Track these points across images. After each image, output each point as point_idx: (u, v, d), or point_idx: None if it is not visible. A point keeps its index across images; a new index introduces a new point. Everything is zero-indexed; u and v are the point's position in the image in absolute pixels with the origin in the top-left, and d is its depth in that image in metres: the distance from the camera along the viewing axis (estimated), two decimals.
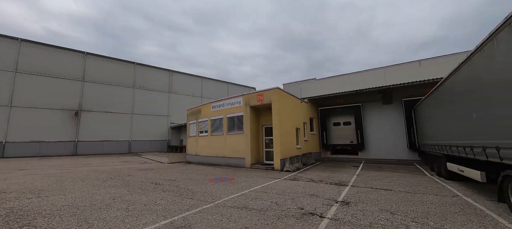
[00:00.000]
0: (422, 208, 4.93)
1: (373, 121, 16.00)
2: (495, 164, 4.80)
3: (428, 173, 9.83)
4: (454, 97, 6.76)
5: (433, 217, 4.38)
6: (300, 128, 14.65)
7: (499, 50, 4.12)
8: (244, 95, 13.80)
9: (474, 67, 5.22)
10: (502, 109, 4.23)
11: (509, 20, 3.73)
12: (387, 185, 7.45)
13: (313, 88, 19.49)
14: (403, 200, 5.60)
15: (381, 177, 9.04)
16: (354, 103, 16.33)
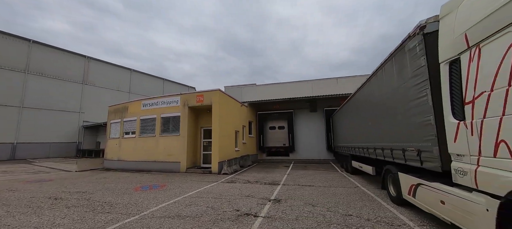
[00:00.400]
0: (334, 199, 5.99)
1: (302, 126, 18.29)
2: (380, 161, 6.42)
3: (339, 170, 12.06)
4: (357, 109, 8.64)
5: (342, 205, 5.40)
6: (239, 130, 14.98)
7: (386, 76, 5.59)
8: (183, 95, 12.90)
9: (370, 87, 6.87)
10: (384, 121, 5.75)
11: (392, 55, 5.13)
12: (311, 182, 8.63)
13: (254, 93, 20.42)
14: (321, 194, 6.62)
15: (306, 175, 10.39)
16: (287, 110, 18.17)
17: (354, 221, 4.31)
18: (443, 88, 3.34)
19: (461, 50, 2.97)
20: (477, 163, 2.74)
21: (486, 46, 2.60)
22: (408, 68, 4.33)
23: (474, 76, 2.76)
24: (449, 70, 3.22)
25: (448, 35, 3.22)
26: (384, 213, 4.76)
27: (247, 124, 16.82)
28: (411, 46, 4.18)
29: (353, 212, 4.89)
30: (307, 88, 18.68)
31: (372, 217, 4.52)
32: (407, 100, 4.43)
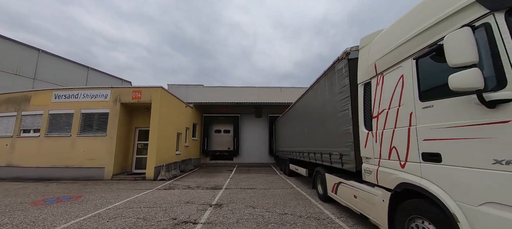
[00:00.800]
0: (273, 200, 6.38)
1: (247, 130, 18.81)
2: (313, 164, 7.31)
3: (278, 173, 12.99)
4: (297, 117, 9.61)
5: (279, 205, 5.81)
6: (182, 133, 14.02)
7: (320, 90, 6.47)
8: (115, 89, 11.07)
9: (308, 99, 7.79)
10: (318, 129, 6.62)
11: (325, 73, 6.00)
12: (253, 185, 8.92)
13: (200, 94, 19.60)
14: (262, 196, 6.94)
15: (249, 178, 10.69)
16: (234, 114, 18.34)
17: (289, 219, 4.72)
18: (359, 104, 4.15)
19: (372, 75, 3.79)
20: (378, 164, 3.52)
21: (387, 75, 3.41)
22: (336, 85, 5.16)
23: (379, 97, 3.57)
24: (363, 91, 4.04)
25: (364, 63, 4.05)
26: (313, 210, 5.42)
27: (191, 126, 15.94)
28: (339, 67, 5.01)
29: (289, 210, 5.35)
30: (254, 94, 19.43)
31: (304, 214, 5.06)
32: (335, 112, 5.25)
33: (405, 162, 2.92)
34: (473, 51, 1.92)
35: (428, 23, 2.60)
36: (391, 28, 3.45)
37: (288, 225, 4.34)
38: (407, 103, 2.91)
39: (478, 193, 2.01)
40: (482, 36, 2.00)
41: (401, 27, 3.14)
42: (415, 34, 2.80)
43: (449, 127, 2.30)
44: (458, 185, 2.20)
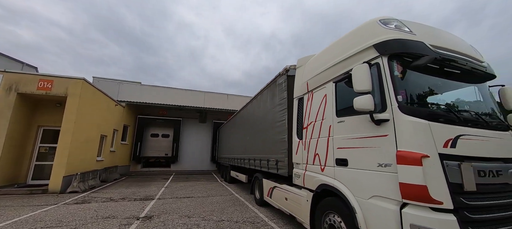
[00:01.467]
0: (211, 207, 6.24)
1: (189, 136, 17.81)
2: (252, 170, 7.62)
3: (219, 180, 12.81)
4: (241, 125, 9.87)
5: (216, 212, 5.73)
6: (108, 135, 11.94)
7: (263, 100, 6.92)
8: (9, 74, 8.46)
9: (252, 107, 8.17)
10: (259, 136, 7.01)
11: (268, 85, 6.49)
12: (190, 193, 8.45)
13: (137, 93, 17.30)
14: (199, 204, 6.67)
15: (187, 187, 10.06)
16: (176, 117, 17.07)
17: (225, 225, 4.72)
18: (293, 116, 4.70)
19: (304, 92, 4.40)
20: (305, 169, 4.05)
21: (315, 93, 4.04)
22: (277, 97, 5.68)
23: (309, 110, 4.16)
24: (298, 104, 4.62)
25: (299, 80, 4.66)
26: (249, 214, 5.62)
27: (121, 127, 13.80)
28: (280, 81, 5.55)
29: (226, 217, 5.35)
30: (200, 98, 18.76)
31: (240, 219, 5.18)
32: (274, 121, 5.72)
33: (324, 166, 3.50)
34: (368, 82, 2.56)
35: (343, 56, 3.29)
36: (320, 55, 4.15)
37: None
38: (328, 118, 3.53)
39: (368, 189, 2.64)
40: (375, 72, 2.70)
41: (326, 55, 3.83)
42: (335, 63, 3.47)
43: (353, 138, 2.94)
44: (356, 183, 2.82)
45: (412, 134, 2.31)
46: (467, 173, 2.24)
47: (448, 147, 2.28)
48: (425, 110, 2.44)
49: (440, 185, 2.14)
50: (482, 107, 2.98)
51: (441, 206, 2.11)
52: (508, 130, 2.85)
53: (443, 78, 2.83)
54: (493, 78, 3.15)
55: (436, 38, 2.78)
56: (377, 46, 2.73)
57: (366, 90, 2.55)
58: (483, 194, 2.31)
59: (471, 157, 2.36)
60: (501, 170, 2.47)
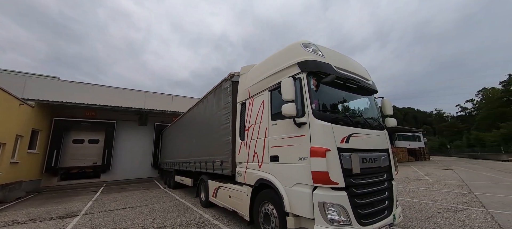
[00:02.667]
0: (152, 215, 5.92)
1: (126, 140, 15.86)
2: (198, 173, 7.61)
3: (162, 187, 11.98)
4: (186, 127, 9.62)
5: (158, 220, 5.50)
6: (8, 142, 9.39)
7: (209, 103, 7.05)
8: None
9: (198, 110, 8.15)
10: (205, 139, 7.10)
11: (214, 89, 6.67)
12: (126, 204, 7.66)
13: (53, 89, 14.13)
14: (138, 214, 6.19)
15: (122, 197, 9.02)
16: (109, 120, 14.88)
17: None
18: (237, 119, 5.10)
19: (246, 97, 4.86)
20: (246, 167, 4.49)
21: (255, 99, 4.55)
22: (222, 101, 5.96)
23: (250, 114, 4.64)
24: (241, 108, 5.05)
25: (242, 86, 5.10)
26: (194, 217, 5.66)
27: (28, 133, 11.05)
28: (225, 86, 5.87)
29: (168, 222, 5.23)
30: (139, 99, 16.98)
31: (184, 222, 5.17)
32: (220, 124, 5.97)
33: (261, 163, 4.01)
34: (293, 92, 3.20)
35: (276, 69, 3.91)
36: (259, 65, 4.70)
37: None
38: (265, 121, 4.08)
39: (292, 179, 3.26)
40: (297, 84, 3.38)
41: (264, 67, 4.41)
42: (270, 74, 4.06)
43: (282, 138, 3.55)
44: (284, 175, 3.42)
45: (321, 133, 3.04)
46: (355, 161, 3.12)
47: (343, 143, 3.12)
48: (330, 116, 3.24)
49: (337, 170, 2.92)
50: (368, 114, 4.13)
51: (337, 185, 2.88)
52: (383, 130, 4.06)
53: (344, 91, 3.80)
54: (376, 93, 4.39)
55: (340, 61, 3.72)
56: (299, 64, 3.43)
57: (291, 99, 3.17)
58: (364, 175, 3.26)
59: (358, 149, 3.29)
60: (376, 158, 3.53)
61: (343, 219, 2.85)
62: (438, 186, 9.07)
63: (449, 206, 5.81)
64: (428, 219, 4.76)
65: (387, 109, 4.42)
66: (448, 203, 6.13)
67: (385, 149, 3.82)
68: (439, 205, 6.00)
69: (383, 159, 3.64)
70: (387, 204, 3.50)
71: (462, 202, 6.25)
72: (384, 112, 4.48)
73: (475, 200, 6.37)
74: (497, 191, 7.74)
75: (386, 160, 3.74)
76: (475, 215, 4.98)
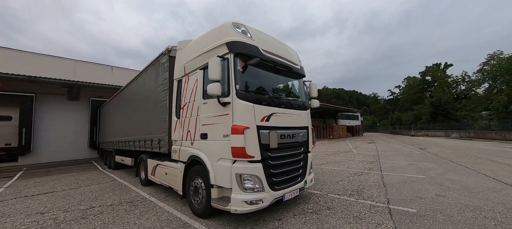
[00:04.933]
0: (80, 198, 5.49)
1: (52, 117, 13.50)
2: (138, 152, 7.24)
3: (101, 168, 10.98)
4: (125, 104, 8.79)
5: (86, 201, 5.15)
6: None
7: (148, 78, 6.54)
8: None
9: (137, 85, 7.48)
10: (144, 116, 6.68)
11: (152, 63, 6.18)
12: (50, 188, 6.82)
13: None
14: (62, 198, 5.64)
15: (46, 182, 7.95)
16: (23, 93, 12.21)
17: (95, 211, 4.44)
18: (173, 97, 4.96)
19: (182, 74, 4.72)
20: (181, 145, 4.54)
21: (191, 76, 4.47)
22: (160, 77, 5.62)
23: (185, 92, 4.57)
24: (177, 86, 4.90)
25: (179, 63, 4.90)
26: (130, 195, 5.52)
27: None
28: (163, 61, 5.51)
29: (98, 203, 4.97)
30: (68, 68, 14.34)
31: (116, 202, 5.01)
32: (158, 101, 5.69)
33: (193, 140, 4.12)
34: (218, 72, 3.29)
35: (208, 47, 3.89)
36: (194, 42, 4.56)
37: (90, 218, 4.10)
38: (198, 100, 4.11)
39: (217, 154, 3.51)
40: (225, 65, 3.48)
41: (198, 44, 4.30)
42: (203, 52, 4.02)
43: (211, 116, 3.69)
44: (211, 151, 3.64)
45: (242, 112, 3.29)
46: (273, 137, 3.54)
47: (264, 121, 3.47)
48: (253, 96, 3.50)
49: (254, 145, 3.27)
50: (294, 95, 4.61)
51: (253, 158, 3.26)
52: (306, 110, 4.62)
53: (273, 74, 4.10)
54: (304, 77, 4.88)
55: (268, 44, 3.93)
56: (227, 45, 3.49)
57: (216, 78, 3.27)
58: (282, 149, 3.75)
59: (278, 127, 3.72)
60: (295, 134, 4.07)
61: (257, 187, 3.28)
62: (358, 157, 11.06)
63: (357, 172, 7.26)
64: (338, 182, 5.90)
65: (312, 92, 5.00)
66: (358, 170, 7.63)
67: (304, 126, 4.41)
68: (351, 171, 7.42)
69: (301, 135, 4.21)
70: (301, 172, 4.16)
71: (368, 168, 7.88)
72: (310, 95, 5.06)
73: (377, 166, 8.12)
74: (395, 158, 9.99)
75: (305, 136, 4.34)
76: (372, 177, 6.40)
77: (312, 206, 4.18)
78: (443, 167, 7.63)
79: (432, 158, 9.99)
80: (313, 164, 4.87)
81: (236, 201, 3.14)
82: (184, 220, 3.75)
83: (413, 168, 7.59)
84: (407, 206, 3.98)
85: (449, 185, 5.37)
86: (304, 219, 3.57)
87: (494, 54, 34.79)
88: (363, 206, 4.09)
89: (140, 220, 3.86)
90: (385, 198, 4.46)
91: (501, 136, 21.54)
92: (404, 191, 4.92)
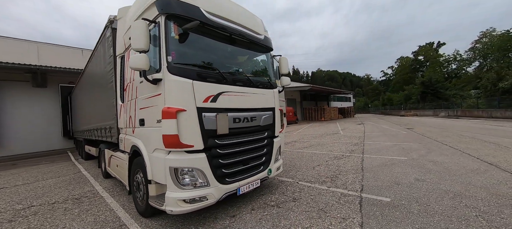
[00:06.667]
0: (25, 195, 4.86)
1: (18, 106, 12.43)
2: (100, 141, 6.55)
3: (73, 158, 10.28)
4: (86, 89, 7.91)
5: (29, 199, 4.53)
6: None
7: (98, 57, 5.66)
8: None
9: (92, 66, 6.59)
10: (99, 102, 5.90)
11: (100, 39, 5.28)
12: (4, 184, 6.15)
13: None
14: (8, 195, 5.00)
15: (5, 176, 7.26)
16: None
17: (29, 211, 3.84)
18: (117, 77, 4.19)
19: (123, 49, 3.93)
20: (125, 133, 3.88)
21: (130, 51, 3.69)
22: (106, 54, 4.79)
23: (127, 71, 3.81)
24: (120, 63, 4.11)
25: (120, 35, 4.08)
26: (82, 190, 4.92)
27: None
28: (107, 35, 4.65)
29: (40, 201, 4.37)
30: (30, 52, 13.02)
31: (62, 199, 4.40)
32: (107, 83, 4.90)
33: (134, 128, 3.46)
34: (144, 40, 2.55)
35: (139, 12, 3.09)
36: (133, 6, 3.70)
37: (18, 220, 3.51)
38: (136, 79, 3.37)
39: (153, 144, 2.88)
40: (154, 32, 2.73)
41: (135, 9, 3.46)
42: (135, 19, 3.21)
43: (146, 98, 3.01)
44: (148, 140, 3.00)
45: (176, 92, 2.62)
46: (222, 121, 2.91)
47: (208, 102, 2.81)
48: (192, 71, 2.79)
49: (193, 132, 2.65)
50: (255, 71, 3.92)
51: (192, 148, 2.64)
52: (272, 88, 3.97)
53: (228, 45, 3.37)
54: (269, 50, 4.15)
55: (216, 6, 3.14)
56: (157, 4, 2.72)
57: (141, 48, 2.54)
58: (235, 135, 3.14)
59: (231, 109, 3.07)
60: (255, 117, 3.44)
61: (200, 181, 2.71)
62: (344, 138, 10.71)
63: (338, 155, 6.85)
64: (314, 168, 5.45)
65: (283, 68, 4.33)
66: (339, 152, 7.23)
67: (269, 107, 3.78)
68: (332, 154, 7.01)
69: (264, 118, 3.60)
70: (264, 160, 3.61)
71: (350, 150, 7.49)
72: (280, 71, 4.39)
73: (360, 148, 7.74)
74: (380, 140, 9.67)
75: (269, 119, 3.74)
76: (351, 161, 5.99)
77: (276, 197, 3.69)
78: (427, 147, 7.31)
79: (418, 138, 9.72)
80: (281, 149, 4.33)
81: (171, 200, 2.57)
82: (123, 221, 3.20)
83: (396, 149, 7.24)
84: (381, 194, 3.54)
85: (431, 167, 5.00)
86: (261, 215, 3.08)
87: (486, 31, 34.45)
88: (333, 195, 3.63)
89: (73, 222, 3.29)
90: (359, 185, 4.02)
91: (488, 113, 21.73)
92: (381, 176, 4.51)
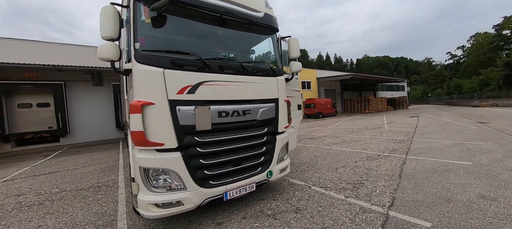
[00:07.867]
0: (65, 179, 5.60)
1: (82, 102, 14.91)
2: None
3: (121, 148, 11.72)
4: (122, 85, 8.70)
5: (66, 184, 5.17)
6: None
7: None
8: None
9: None
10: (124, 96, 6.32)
11: None
12: (61, 168, 7.34)
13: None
14: (55, 178, 5.85)
15: (66, 161, 8.72)
16: (54, 81, 13.56)
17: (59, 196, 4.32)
18: None
19: None
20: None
21: None
22: None
23: None
24: None
25: None
26: (107, 179, 5.36)
27: None
28: None
29: (72, 187, 4.91)
30: (89, 56, 15.29)
31: (88, 186, 4.86)
32: None
33: None
34: (112, 27, 2.33)
35: None
36: None
37: (46, 203, 3.96)
38: None
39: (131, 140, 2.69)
40: (126, 17, 2.48)
41: None
42: None
43: (129, 91, 2.84)
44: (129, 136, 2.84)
45: (144, 82, 2.33)
46: (202, 115, 2.51)
47: (184, 93, 2.45)
48: (163, 58, 2.43)
49: (163, 128, 2.33)
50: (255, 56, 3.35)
51: (163, 147, 2.33)
52: (274, 76, 3.34)
53: (218, 27, 2.91)
54: (274, 31, 3.50)
55: None
56: None
57: (109, 36, 2.33)
58: (222, 131, 2.71)
59: (214, 101, 2.65)
60: (249, 110, 2.93)
61: (175, 184, 2.41)
62: (386, 134, 9.07)
63: (372, 154, 5.69)
64: (337, 169, 4.59)
65: (292, 51, 3.67)
66: (376, 152, 6.02)
67: (270, 99, 3.21)
68: (365, 153, 5.88)
69: (262, 111, 3.06)
70: (263, 160, 3.09)
71: (390, 149, 6.16)
72: (289, 55, 3.73)
73: (404, 147, 6.29)
74: (436, 136, 7.75)
75: (270, 112, 3.17)
76: (388, 163, 4.84)
77: (277, 204, 3.13)
78: (506, 149, 5.39)
79: (493, 135, 7.41)
80: (289, 147, 3.69)
81: (142, 203, 2.35)
82: (118, 215, 3.21)
83: (456, 150, 5.58)
84: (419, 215, 2.59)
85: (508, 179, 3.54)
86: (251, 226, 2.60)
87: None
88: (348, 209, 2.85)
89: (80, 211, 3.49)
90: (390, 198, 3.08)
91: None
92: (425, 187, 3.40)
